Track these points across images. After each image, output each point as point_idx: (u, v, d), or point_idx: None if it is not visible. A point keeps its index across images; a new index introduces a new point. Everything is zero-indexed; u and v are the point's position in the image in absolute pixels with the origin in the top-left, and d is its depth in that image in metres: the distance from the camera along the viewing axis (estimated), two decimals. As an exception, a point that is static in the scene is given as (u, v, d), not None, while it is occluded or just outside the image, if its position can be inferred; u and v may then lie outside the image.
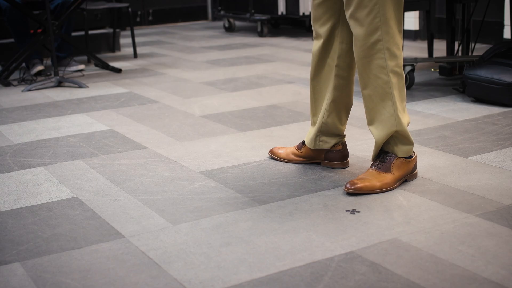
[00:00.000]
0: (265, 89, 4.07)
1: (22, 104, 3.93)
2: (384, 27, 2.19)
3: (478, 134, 2.94)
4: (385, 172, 2.30)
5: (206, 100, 3.85)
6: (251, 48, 5.89)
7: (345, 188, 2.25)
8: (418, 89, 3.91)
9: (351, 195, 2.24)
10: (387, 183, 2.29)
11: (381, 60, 2.22)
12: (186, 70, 4.89)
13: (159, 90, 4.19)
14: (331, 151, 2.58)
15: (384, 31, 2.19)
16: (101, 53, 5.92)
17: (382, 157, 2.34)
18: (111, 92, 4.18)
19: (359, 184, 2.24)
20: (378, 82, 2.24)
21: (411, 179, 2.37)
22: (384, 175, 2.30)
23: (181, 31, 7.53)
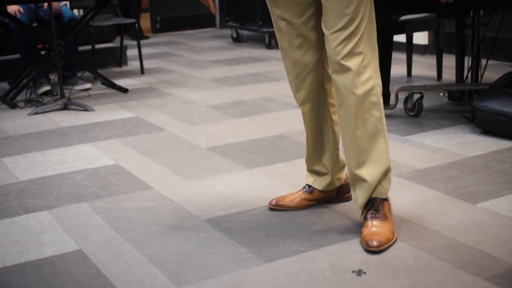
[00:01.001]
0: (272, 115, 4.04)
1: (28, 130, 3.92)
2: (371, 66, 2.17)
3: (487, 175, 2.90)
4: (385, 220, 2.28)
5: (213, 128, 3.82)
6: (259, 63, 5.86)
7: (366, 248, 2.20)
8: (427, 117, 3.86)
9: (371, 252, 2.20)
10: (393, 231, 2.27)
11: (374, 97, 2.18)
12: (193, 90, 4.87)
13: (166, 114, 4.16)
14: (342, 185, 2.58)
15: (373, 68, 2.19)
16: (108, 68, 5.90)
17: (373, 205, 2.29)
18: (117, 117, 4.16)
19: (376, 242, 2.20)
20: (371, 120, 2.20)
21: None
22: (388, 223, 2.28)
23: (188, 41, 7.50)
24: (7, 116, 4.29)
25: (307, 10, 2.28)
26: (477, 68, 4.07)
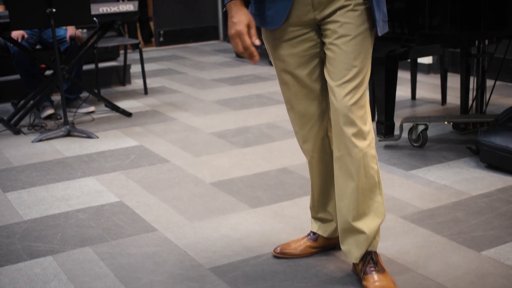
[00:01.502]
0: (276, 145, 4.03)
1: (32, 160, 3.92)
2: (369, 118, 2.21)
3: (492, 217, 2.90)
4: (384, 272, 2.29)
5: (217, 159, 3.82)
6: (262, 83, 5.85)
7: None
8: (431, 148, 3.86)
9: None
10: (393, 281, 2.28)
11: (373, 150, 2.22)
12: (196, 114, 4.86)
13: (169, 143, 4.16)
14: None
15: (370, 120, 2.22)
16: (111, 86, 5.91)
17: (372, 258, 2.30)
18: (121, 145, 4.16)
19: None
20: (370, 172, 2.21)
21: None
22: (387, 275, 2.30)
23: (192, 55, 7.49)
24: (11, 143, 4.29)
25: (311, 61, 2.28)
26: (482, 98, 4.06)
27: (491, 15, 3.37)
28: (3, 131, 4.57)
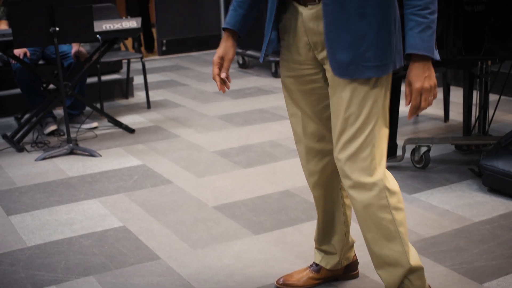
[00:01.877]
0: (279, 166, 4.04)
1: (35, 180, 3.93)
2: (381, 168, 2.12)
3: (494, 246, 2.90)
4: None
5: (220, 180, 3.83)
6: (265, 96, 5.86)
7: None
8: (434, 169, 3.86)
9: None
10: None
11: (383, 200, 2.13)
12: (199, 130, 4.87)
13: (172, 162, 4.17)
14: (349, 264, 2.60)
15: (382, 172, 2.12)
16: (114, 99, 5.92)
17: None
18: (124, 164, 4.17)
19: None
20: (382, 223, 2.15)
21: None
22: None
23: (194, 66, 7.50)
24: (14, 161, 4.30)
25: (321, 101, 2.27)
26: (485, 118, 4.06)
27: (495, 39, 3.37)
28: (6, 148, 4.58)
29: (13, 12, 4.17)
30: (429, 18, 1.96)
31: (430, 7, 1.96)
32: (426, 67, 1.98)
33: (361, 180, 2.10)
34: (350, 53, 2.01)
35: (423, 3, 1.95)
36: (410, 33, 1.97)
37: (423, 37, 1.96)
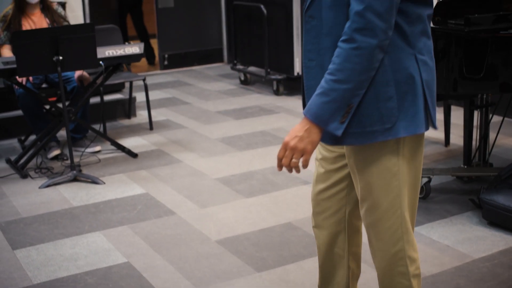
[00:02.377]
0: (281, 195, 4.08)
1: (40, 211, 3.97)
2: (406, 236, 2.10)
3: (494, 285, 2.94)
4: None
5: (222, 212, 3.86)
6: (267, 116, 5.89)
7: None
8: (435, 199, 3.90)
9: None
10: None
11: (403, 267, 2.12)
12: (202, 155, 4.91)
13: (175, 191, 4.20)
14: None
15: (406, 240, 2.10)
16: (116, 119, 5.96)
17: None
18: (127, 193, 4.20)
19: None
20: (398, 286, 2.20)
21: None
22: None
23: (196, 81, 7.54)
24: (18, 189, 4.34)
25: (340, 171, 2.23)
26: (485, 147, 4.10)
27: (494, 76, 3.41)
28: (10, 174, 4.62)
29: (17, 42, 4.21)
30: (330, 85, 1.84)
31: (336, 75, 1.83)
32: (305, 128, 1.89)
33: (384, 248, 2.10)
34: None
35: (332, 68, 1.85)
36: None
37: (316, 101, 1.86)
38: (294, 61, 6.50)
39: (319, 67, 1.98)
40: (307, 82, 2.01)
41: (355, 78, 1.84)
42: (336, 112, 1.86)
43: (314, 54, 1.99)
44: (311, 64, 2.00)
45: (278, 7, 6.58)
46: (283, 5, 6.51)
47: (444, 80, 3.42)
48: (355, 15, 1.81)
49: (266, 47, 6.70)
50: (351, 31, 1.82)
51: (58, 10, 5.12)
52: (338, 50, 1.85)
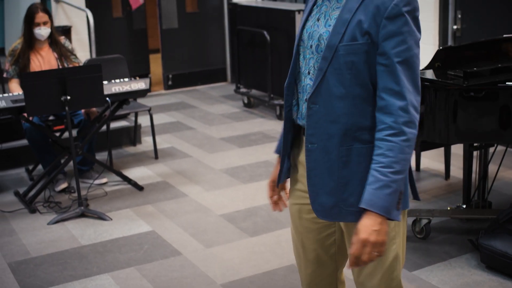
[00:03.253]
0: (284, 233, 4.17)
1: (49, 250, 4.06)
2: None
3: (492, 336, 3.03)
4: None
5: (227, 252, 3.96)
6: (270, 144, 5.99)
7: None
8: (434, 240, 3.98)
9: None
10: None
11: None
12: (206, 188, 5.00)
13: (181, 228, 4.30)
14: None
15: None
16: (122, 147, 6.06)
17: None
18: (134, 231, 4.30)
19: None
20: None
21: None
22: None
23: (200, 104, 7.63)
24: (27, 225, 4.44)
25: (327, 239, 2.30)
26: (484, 187, 4.18)
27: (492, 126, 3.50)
28: (20, 209, 4.71)
29: (26, 83, 4.31)
30: (390, 177, 1.95)
31: (394, 167, 1.95)
32: (377, 221, 1.98)
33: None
34: (333, 198, 2.09)
35: (387, 161, 1.96)
36: (367, 188, 1.98)
37: (380, 195, 1.96)
38: (297, 87, 6.58)
39: (321, 151, 2.09)
40: (308, 164, 2.13)
41: (407, 166, 2.01)
42: (396, 200, 1.99)
43: (316, 139, 2.10)
44: (313, 148, 2.11)
45: (281, 33, 6.67)
46: (286, 31, 6.60)
47: (442, 131, 3.51)
48: (400, 110, 1.97)
49: (269, 72, 6.80)
50: (399, 125, 1.97)
51: (66, 44, 5.22)
52: (388, 144, 1.97)
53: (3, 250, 4.09)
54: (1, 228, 4.43)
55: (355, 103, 2.03)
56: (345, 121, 2.04)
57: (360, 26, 1.99)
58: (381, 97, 2.00)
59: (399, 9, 1.96)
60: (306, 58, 2.14)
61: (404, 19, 1.97)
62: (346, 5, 2.03)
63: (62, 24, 7.30)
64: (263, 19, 6.92)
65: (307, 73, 2.13)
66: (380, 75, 1.99)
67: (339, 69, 2.03)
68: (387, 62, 1.98)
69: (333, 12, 2.08)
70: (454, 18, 5.92)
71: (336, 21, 2.03)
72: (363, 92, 2.03)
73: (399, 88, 1.97)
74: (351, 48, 2.00)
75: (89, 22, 6.78)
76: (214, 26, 8.61)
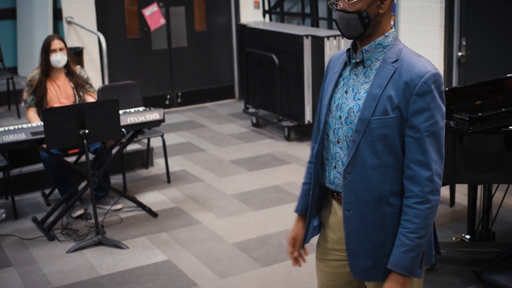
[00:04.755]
0: (295, 264, 4.32)
1: (69, 279, 4.22)
2: None
3: None
4: None
5: (241, 282, 4.11)
6: (279, 168, 6.14)
7: None
8: (440, 271, 4.13)
9: None
10: None
11: None
12: (219, 215, 5.16)
13: (196, 258, 4.45)
14: None
15: None
16: (135, 170, 6.22)
17: None
18: (150, 260, 4.46)
19: None
20: None
21: None
22: None
23: (209, 123, 7.79)
24: (47, 253, 4.60)
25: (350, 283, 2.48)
26: (488, 221, 4.33)
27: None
28: (39, 237, 4.87)
29: (47, 118, 4.47)
30: (415, 241, 2.15)
31: (419, 232, 2.15)
32: (401, 281, 2.18)
33: None
34: (370, 260, 2.28)
35: (413, 227, 2.16)
36: (395, 250, 2.20)
37: (405, 258, 2.16)
38: (305, 109, 6.74)
39: (356, 217, 2.28)
40: (346, 229, 2.31)
41: (430, 229, 2.20)
42: (419, 260, 2.19)
43: (352, 206, 2.28)
44: (349, 214, 2.29)
45: (290, 57, 6.83)
46: (295, 55, 6.75)
47: (448, 172, 3.67)
48: (426, 180, 2.15)
49: (278, 95, 6.96)
50: (425, 194, 2.15)
51: (81, 73, 5.38)
52: (414, 211, 2.16)
53: (25, 280, 4.25)
54: (22, 256, 4.59)
55: (388, 171, 2.22)
56: (379, 189, 2.23)
57: (391, 101, 2.18)
58: (409, 167, 2.18)
59: (427, 86, 2.15)
60: (334, 128, 2.32)
61: (432, 95, 2.15)
62: (375, 81, 2.21)
63: (74, 46, 7.46)
64: (271, 42, 7.08)
65: (336, 142, 2.32)
66: (409, 146, 2.19)
67: (372, 141, 2.21)
68: (416, 135, 2.17)
69: (361, 86, 2.26)
70: (459, 45, 6.06)
71: (367, 96, 2.21)
72: (394, 161, 2.22)
73: (426, 160, 2.16)
74: (383, 121, 2.19)
75: (101, 45, 6.93)
76: (223, 44, 8.77)
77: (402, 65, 2.20)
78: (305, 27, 7.49)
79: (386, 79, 2.20)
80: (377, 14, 2.22)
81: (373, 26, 2.24)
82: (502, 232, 4.60)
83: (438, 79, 2.17)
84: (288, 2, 8.00)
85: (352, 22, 2.22)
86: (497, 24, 5.76)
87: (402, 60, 2.21)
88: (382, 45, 2.26)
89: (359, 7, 2.20)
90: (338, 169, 2.32)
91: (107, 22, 7.95)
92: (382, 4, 2.22)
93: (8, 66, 7.64)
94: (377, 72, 2.23)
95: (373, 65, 2.26)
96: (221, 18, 8.74)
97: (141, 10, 8.17)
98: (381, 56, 2.25)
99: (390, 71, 2.20)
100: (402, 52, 2.24)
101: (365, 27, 2.23)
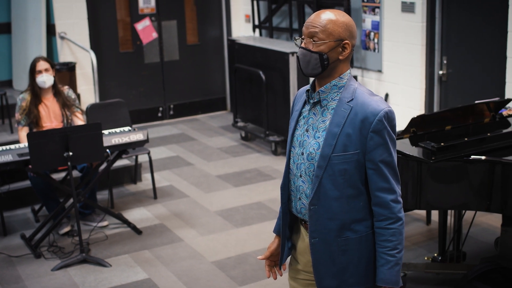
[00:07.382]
0: (271, 283, 4.46)
1: (52, 298, 4.38)
2: None
3: None
4: None
5: (216, 303, 4.26)
6: (264, 184, 6.28)
7: None
8: (410, 292, 4.27)
9: None
10: None
11: None
12: (201, 232, 5.30)
13: (176, 277, 4.60)
14: None
15: None
16: (123, 185, 6.37)
17: None
18: (131, 278, 4.61)
19: None
20: None
21: None
22: None
23: (200, 136, 7.94)
24: (33, 271, 4.75)
25: None
26: (458, 241, 4.46)
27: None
28: (26, 254, 5.03)
29: (32, 141, 4.62)
30: (397, 256, 2.40)
31: (398, 247, 2.39)
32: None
33: None
34: (336, 281, 2.50)
35: (392, 244, 2.40)
36: (381, 269, 2.43)
37: (392, 273, 2.41)
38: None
39: (321, 244, 2.49)
40: (312, 254, 2.52)
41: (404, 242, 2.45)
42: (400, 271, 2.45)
43: (317, 234, 2.49)
44: (315, 241, 2.51)
45: (276, 73, 6.97)
46: (281, 72, 6.89)
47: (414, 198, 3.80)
48: (393, 203, 2.39)
49: (265, 110, 7.10)
50: (395, 214, 2.39)
51: (69, 93, 5.53)
52: (390, 231, 2.40)
53: (9, 299, 4.41)
54: (8, 274, 4.75)
55: (348, 201, 2.44)
56: (341, 218, 2.45)
57: (350, 138, 2.40)
58: (375, 195, 2.42)
59: (382, 124, 2.37)
60: (297, 163, 2.53)
61: (386, 130, 2.39)
62: (334, 120, 2.42)
63: (67, 61, 7.62)
64: (259, 58, 7.22)
65: (299, 176, 2.52)
66: (371, 176, 2.41)
67: (333, 175, 2.43)
68: (375, 167, 2.40)
69: (320, 125, 2.47)
70: (440, 63, 6.20)
71: (326, 134, 2.43)
72: (354, 192, 2.44)
73: (389, 185, 2.40)
74: (343, 157, 2.40)
75: (93, 62, 7.08)
76: (214, 57, 8.93)
77: (357, 104, 2.40)
78: (292, 43, 7.61)
79: (344, 118, 2.41)
80: (336, 59, 2.43)
81: (331, 69, 2.44)
82: (473, 251, 4.73)
83: (390, 116, 2.39)
84: (277, 17, 8.14)
85: (312, 62, 2.42)
86: (477, 43, 5.88)
87: (357, 99, 2.41)
88: (338, 86, 2.46)
89: (322, 49, 2.40)
90: (303, 200, 2.53)
91: (100, 37, 8.11)
92: (343, 52, 2.42)
93: (3, 80, 7.80)
94: (335, 112, 2.43)
95: (329, 104, 2.46)
96: (212, 31, 8.89)
97: (133, 24, 8.32)
98: (337, 96, 2.45)
99: (347, 110, 2.40)
100: (357, 91, 2.44)
101: (323, 68, 2.42)
